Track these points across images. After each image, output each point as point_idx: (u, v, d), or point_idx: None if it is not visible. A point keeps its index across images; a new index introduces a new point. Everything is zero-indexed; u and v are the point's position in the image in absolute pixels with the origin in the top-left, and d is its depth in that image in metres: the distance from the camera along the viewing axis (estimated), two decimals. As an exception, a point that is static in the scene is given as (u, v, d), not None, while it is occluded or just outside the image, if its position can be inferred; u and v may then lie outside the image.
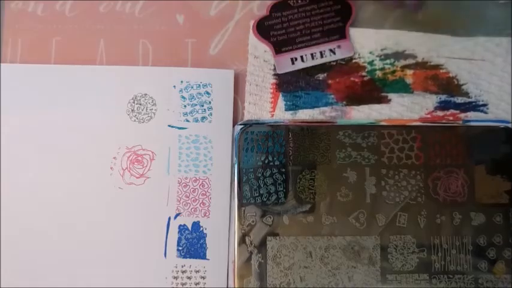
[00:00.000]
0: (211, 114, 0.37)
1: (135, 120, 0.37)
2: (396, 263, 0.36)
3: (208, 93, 0.37)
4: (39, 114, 0.36)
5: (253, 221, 0.36)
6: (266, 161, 0.36)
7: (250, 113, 0.38)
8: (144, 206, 0.36)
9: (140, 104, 0.37)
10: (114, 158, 0.37)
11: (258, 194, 0.36)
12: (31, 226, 0.36)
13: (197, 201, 0.37)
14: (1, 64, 0.36)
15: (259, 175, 0.36)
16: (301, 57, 0.38)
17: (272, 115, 0.38)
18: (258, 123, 0.37)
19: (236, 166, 0.36)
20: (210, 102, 0.37)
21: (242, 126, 0.36)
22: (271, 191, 0.36)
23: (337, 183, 0.36)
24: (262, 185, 0.36)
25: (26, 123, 0.36)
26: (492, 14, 0.40)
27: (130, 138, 0.37)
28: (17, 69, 0.36)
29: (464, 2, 0.40)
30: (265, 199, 0.36)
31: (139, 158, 0.37)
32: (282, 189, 0.36)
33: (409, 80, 0.39)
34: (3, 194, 0.36)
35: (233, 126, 0.37)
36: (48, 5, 0.37)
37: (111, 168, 0.36)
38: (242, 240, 0.36)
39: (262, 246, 0.36)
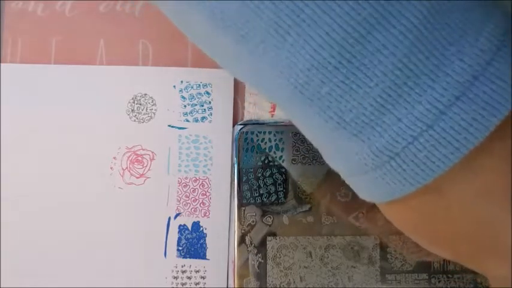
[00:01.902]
0: (211, 114, 0.37)
1: (135, 120, 0.37)
2: (396, 262, 0.36)
3: (208, 93, 0.37)
4: (39, 114, 0.36)
5: (253, 221, 0.36)
6: (266, 161, 0.36)
7: (250, 113, 0.38)
8: (144, 206, 0.36)
9: (140, 104, 0.37)
10: (114, 158, 0.37)
11: (258, 194, 0.36)
12: (31, 226, 0.36)
13: (197, 201, 0.37)
14: (1, 64, 0.36)
15: (259, 175, 0.36)
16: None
17: (272, 115, 0.38)
18: (258, 123, 0.37)
19: (236, 166, 0.36)
20: (210, 102, 0.37)
21: (242, 126, 0.36)
22: (271, 191, 0.36)
23: (336, 183, 0.36)
24: (262, 185, 0.36)
25: (26, 123, 0.36)
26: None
27: (130, 138, 0.37)
28: (17, 69, 0.36)
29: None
30: (265, 199, 0.36)
31: (140, 158, 0.37)
32: (282, 189, 0.36)
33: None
34: (3, 193, 0.36)
35: (233, 126, 0.37)
36: (48, 5, 0.37)
37: (111, 168, 0.36)
38: (242, 240, 0.36)
39: (262, 246, 0.36)
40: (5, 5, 0.36)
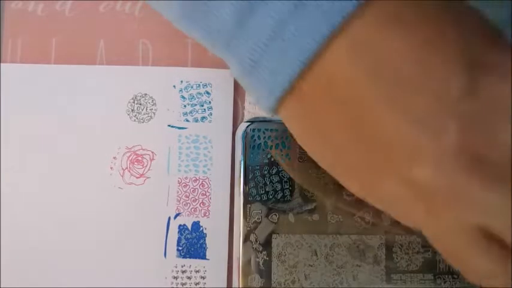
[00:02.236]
0: (211, 114, 0.37)
1: (135, 120, 0.37)
2: (401, 262, 0.36)
3: (208, 93, 0.37)
4: (39, 114, 0.36)
5: (258, 219, 0.35)
6: (272, 159, 0.36)
7: (250, 112, 0.38)
8: (144, 206, 0.36)
9: (140, 104, 0.37)
10: (114, 158, 0.36)
11: (263, 192, 0.36)
12: (31, 226, 0.36)
13: (197, 201, 0.36)
14: (1, 64, 0.36)
15: (265, 172, 0.36)
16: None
17: (272, 115, 0.38)
18: (265, 120, 0.37)
19: (242, 163, 0.36)
20: (210, 102, 0.37)
21: (249, 123, 0.36)
22: (277, 189, 0.36)
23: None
24: (268, 183, 0.36)
25: (26, 123, 0.36)
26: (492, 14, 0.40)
27: (130, 138, 0.37)
28: (17, 69, 0.36)
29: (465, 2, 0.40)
30: (271, 197, 0.36)
31: (140, 158, 0.37)
32: (288, 187, 0.36)
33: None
34: (3, 194, 0.36)
35: (233, 126, 0.37)
36: (48, 5, 0.37)
37: (111, 168, 0.36)
38: (247, 238, 0.35)
39: (267, 243, 0.35)
40: (5, 5, 0.36)
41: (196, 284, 0.36)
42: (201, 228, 0.36)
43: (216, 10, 0.24)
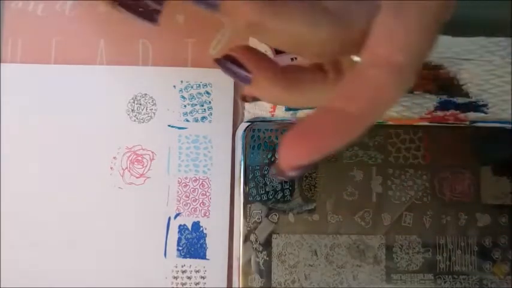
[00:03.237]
0: (211, 114, 0.37)
1: (135, 120, 0.37)
2: (401, 262, 0.36)
3: (208, 93, 0.37)
4: (39, 114, 0.36)
5: (258, 219, 0.35)
6: (272, 159, 0.36)
7: (250, 113, 0.38)
8: (144, 206, 0.36)
9: (140, 104, 0.37)
10: (114, 158, 0.36)
11: (264, 192, 0.36)
12: (31, 226, 0.35)
13: (197, 201, 0.36)
14: (1, 64, 0.36)
15: (265, 172, 0.36)
16: (301, 56, 0.38)
17: (272, 115, 0.38)
18: (265, 120, 0.37)
19: (242, 163, 0.36)
20: (210, 102, 0.37)
21: (249, 123, 0.36)
22: (277, 189, 0.36)
23: (343, 182, 0.36)
24: (268, 183, 0.36)
25: (26, 123, 0.36)
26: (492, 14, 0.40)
27: (130, 138, 0.37)
28: (17, 69, 0.36)
29: (464, 2, 0.40)
30: (271, 197, 0.36)
31: (140, 158, 0.36)
32: (287, 187, 0.36)
33: (409, 80, 0.39)
34: (3, 194, 0.36)
35: (233, 126, 0.37)
36: (48, 5, 0.37)
37: (111, 168, 0.36)
38: (247, 238, 0.35)
39: (267, 243, 0.35)
40: (5, 5, 0.37)
41: (196, 284, 0.36)
42: (201, 228, 0.36)
43: None
